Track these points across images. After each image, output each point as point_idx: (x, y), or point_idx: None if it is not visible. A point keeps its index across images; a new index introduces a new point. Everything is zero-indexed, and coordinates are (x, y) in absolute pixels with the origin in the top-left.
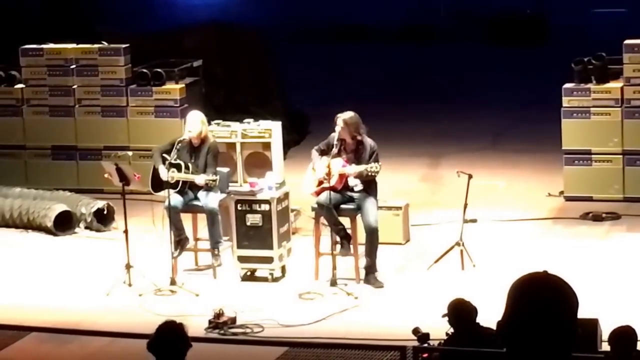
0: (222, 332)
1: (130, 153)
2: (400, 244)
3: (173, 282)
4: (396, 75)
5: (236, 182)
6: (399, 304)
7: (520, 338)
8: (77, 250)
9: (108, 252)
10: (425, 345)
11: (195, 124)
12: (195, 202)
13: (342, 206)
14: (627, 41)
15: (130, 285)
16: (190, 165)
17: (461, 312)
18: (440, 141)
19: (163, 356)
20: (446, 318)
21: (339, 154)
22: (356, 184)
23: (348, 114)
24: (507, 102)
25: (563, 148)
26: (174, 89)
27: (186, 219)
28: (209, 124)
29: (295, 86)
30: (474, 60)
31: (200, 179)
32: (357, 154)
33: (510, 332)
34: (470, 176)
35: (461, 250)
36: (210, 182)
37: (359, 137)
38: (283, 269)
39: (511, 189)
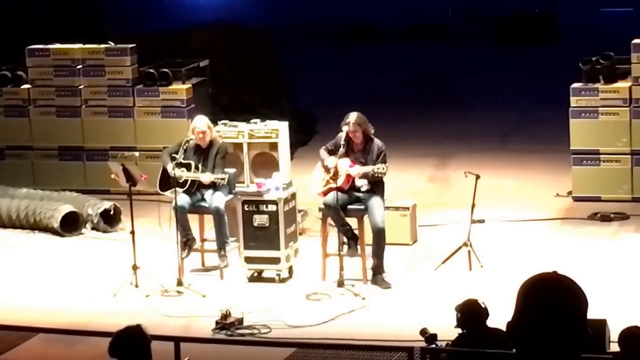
0: (229, 333)
1: (137, 153)
2: (407, 244)
3: (180, 283)
4: (404, 76)
5: (243, 182)
6: (406, 304)
7: (530, 339)
8: (84, 251)
9: (115, 253)
10: (433, 346)
11: (204, 132)
12: (202, 203)
13: (349, 207)
14: (635, 40)
15: (137, 286)
16: (199, 166)
17: (472, 314)
18: (448, 141)
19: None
20: (456, 315)
21: (346, 154)
22: (363, 185)
23: (354, 115)
24: (515, 101)
25: (571, 148)
26: (180, 89)
27: (193, 220)
28: (216, 124)
29: (302, 86)
30: (482, 60)
31: (205, 177)
32: (364, 154)
33: (520, 333)
34: (477, 176)
35: (469, 251)
36: (219, 180)
37: (370, 133)
38: (290, 269)
39: (519, 189)
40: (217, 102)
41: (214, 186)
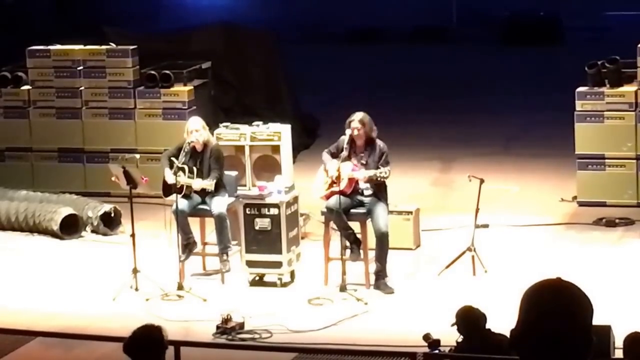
0: (230, 337)
1: (137, 156)
2: (410, 249)
3: (180, 287)
4: (408, 78)
5: (245, 185)
6: (409, 309)
7: (534, 347)
8: (84, 254)
9: (115, 256)
10: (436, 351)
11: (197, 130)
12: (203, 206)
13: (352, 210)
14: None
15: (137, 289)
16: (195, 169)
17: (469, 319)
18: (452, 145)
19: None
20: (455, 327)
21: (349, 157)
22: (366, 188)
23: (361, 114)
24: (519, 105)
25: (576, 152)
26: (182, 91)
27: (194, 223)
28: (218, 126)
29: (305, 89)
30: (486, 63)
31: (196, 184)
32: (367, 155)
33: (523, 341)
34: (482, 181)
35: (472, 256)
36: (207, 186)
37: (373, 135)
38: (292, 274)
39: (524, 193)
40: (218, 105)
41: (206, 192)
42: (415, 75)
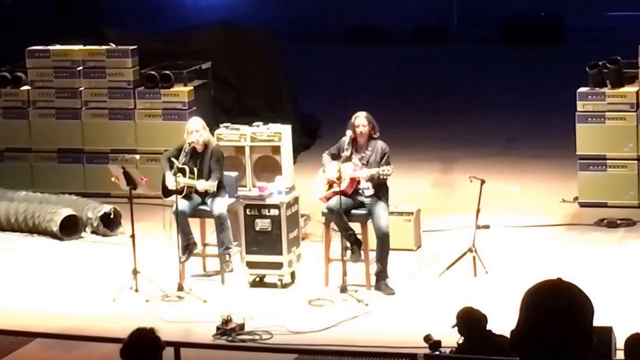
0: (230, 338)
1: (137, 156)
2: (411, 250)
3: (180, 288)
4: (409, 78)
5: (245, 186)
6: (410, 311)
7: (534, 348)
8: (83, 255)
9: (114, 257)
10: (437, 352)
11: (198, 131)
12: (203, 207)
13: (353, 211)
14: None
15: (137, 290)
16: (195, 170)
17: (470, 321)
18: (453, 146)
19: None
20: (456, 328)
21: (350, 158)
22: (367, 188)
23: (364, 113)
24: (520, 106)
25: (577, 153)
26: (182, 91)
27: (194, 224)
28: (218, 126)
29: (305, 89)
30: (487, 63)
31: (200, 185)
32: (368, 155)
33: (524, 342)
34: (483, 181)
35: (473, 257)
36: (210, 188)
37: (375, 135)
38: (292, 275)
39: (525, 194)
40: (219, 105)
41: (206, 192)
42: (416, 75)
